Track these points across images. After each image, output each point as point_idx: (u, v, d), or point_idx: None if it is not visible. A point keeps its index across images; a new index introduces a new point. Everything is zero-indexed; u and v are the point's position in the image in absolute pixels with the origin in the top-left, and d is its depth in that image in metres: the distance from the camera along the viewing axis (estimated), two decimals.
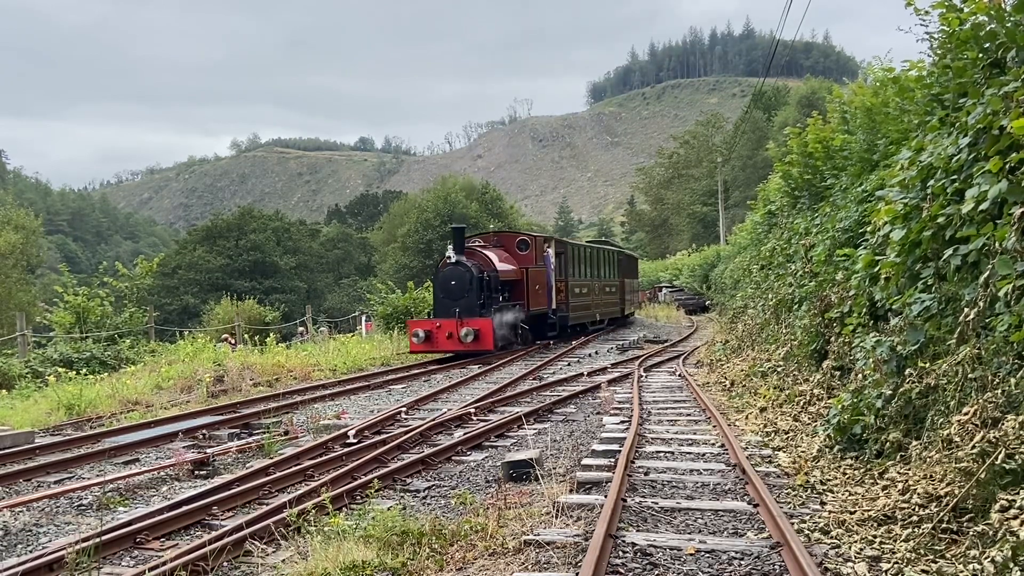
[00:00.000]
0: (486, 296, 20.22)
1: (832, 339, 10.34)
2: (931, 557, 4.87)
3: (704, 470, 7.79)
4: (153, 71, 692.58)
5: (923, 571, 4.72)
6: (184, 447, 9.67)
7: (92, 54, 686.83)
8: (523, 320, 22.09)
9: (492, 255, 21.69)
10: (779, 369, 12.18)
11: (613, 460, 8.02)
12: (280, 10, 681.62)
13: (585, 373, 16.61)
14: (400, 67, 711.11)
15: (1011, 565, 4.24)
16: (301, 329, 32.07)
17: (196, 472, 8.73)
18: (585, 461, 8.29)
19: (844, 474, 6.99)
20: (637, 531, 5.86)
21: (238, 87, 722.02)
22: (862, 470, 6.85)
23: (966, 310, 6.10)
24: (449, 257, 20.79)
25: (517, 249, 23.06)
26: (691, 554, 5.33)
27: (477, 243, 22.68)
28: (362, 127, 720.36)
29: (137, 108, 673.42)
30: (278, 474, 8.20)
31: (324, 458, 8.91)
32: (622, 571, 5.05)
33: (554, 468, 8.13)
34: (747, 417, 10.44)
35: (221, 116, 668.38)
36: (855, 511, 5.87)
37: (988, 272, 5.80)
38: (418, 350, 20.19)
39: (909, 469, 6.03)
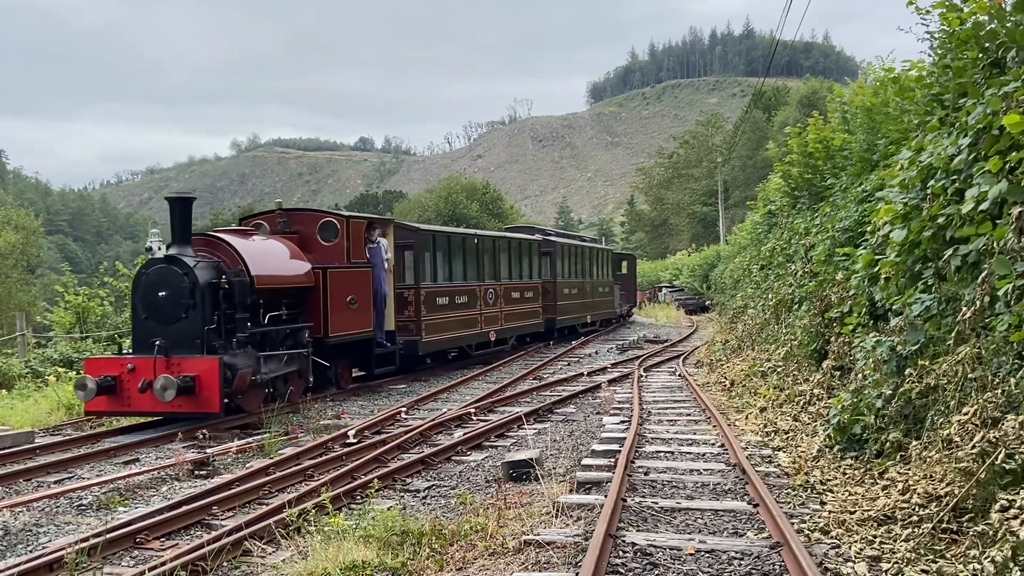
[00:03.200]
0: (224, 316, 11.57)
1: (832, 339, 10.34)
2: (931, 557, 4.87)
3: (704, 470, 7.79)
4: (165, 72, 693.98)
5: (923, 571, 4.72)
6: (184, 447, 9.67)
7: (105, 55, 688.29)
8: (317, 352, 13.29)
9: (245, 246, 12.43)
10: (779, 369, 12.18)
11: (613, 460, 8.02)
12: (289, 10, 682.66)
13: (585, 373, 16.61)
14: (405, 67, 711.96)
15: (1011, 565, 4.24)
16: None
17: (196, 472, 8.73)
18: (585, 461, 8.29)
19: (844, 474, 6.99)
20: (637, 531, 5.86)
21: (248, 87, 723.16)
22: (862, 470, 6.85)
23: (965, 310, 6.10)
24: (152, 250, 12.75)
25: (320, 239, 13.89)
26: (691, 554, 5.33)
27: (249, 227, 14.01)
28: (365, 127, 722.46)
29: (148, 109, 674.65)
30: (278, 474, 8.20)
31: (324, 458, 8.91)
32: (622, 571, 5.05)
33: (554, 468, 8.13)
34: (747, 417, 10.45)
35: (231, 116, 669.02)
36: (855, 511, 5.87)
37: (987, 272, 5.80)
38: (97, 410, 11.41)
39: (909, 469, 6.03)
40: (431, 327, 17.12)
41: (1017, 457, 4.91)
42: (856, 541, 5.33)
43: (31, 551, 6.20)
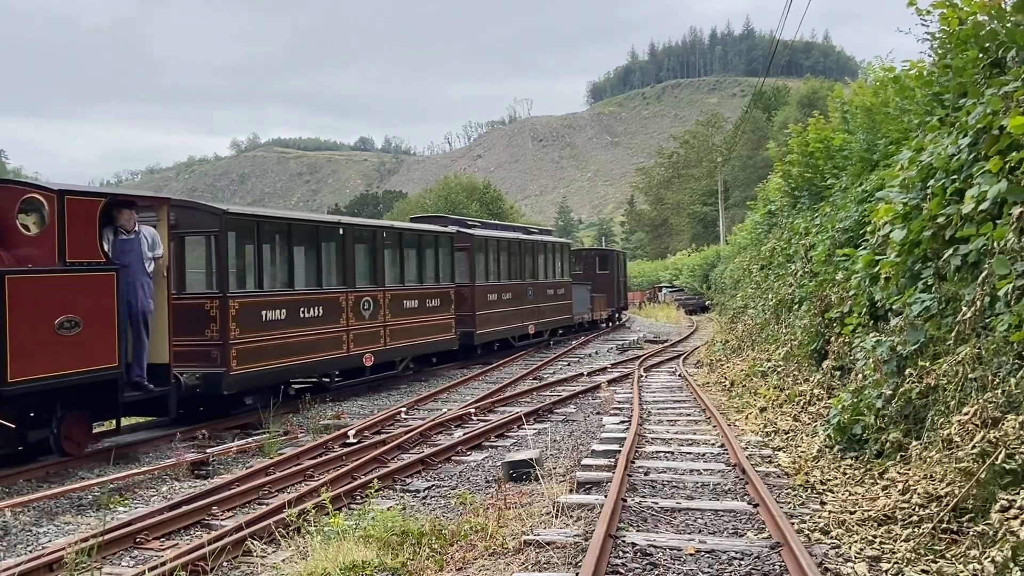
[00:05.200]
0: None
1: (832, 339, 10.34)
2: (931, 557, 4.86)
3: (704, 470, 7.79)
4: (171, 72, 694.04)
5: (923, 571, 4.72)
6: (183, 447, 9.66)
7: (113, 55, 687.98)
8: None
9: None
10: (779, 369, 12.18)
11: (613, 460, 8.02)
12: (294, 10, 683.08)
13: (585, 373, 16.62)
14: (407, 67, 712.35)
15: (1011, 565, 4.24)
16: None
17: (196, 472, 8.73)
18: (585, 461, 8.29)
19: (844, 474, 6.99)
20: (637, 531, 5.86)
21: (252, 87, 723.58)
22: (862, 470, 6.85)
23: (965, 310, 6.10)
24: None
25: (20, 225, 8.89)
26: (691, 554, 5.33)
27: None
28: (367, 127, 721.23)
29: (153, 109, 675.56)
30: (278, 474, 8.20)
31: (324, 458, 8.91)
32: (622, 571, 5.05)
33: (554, 468, 8.13)
34: (747, 417, 10.44)
35: (235, 116, 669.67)
36: (855, 511, 5.87)
37: (987, 272, 5.80)
38: None
39: (909, 469, 6.03)
40: (248, 354, 11.49)
41: (1017, 457, 4.91)
42: (856, 541, 5.33)
43: (31, 551, 6.20)
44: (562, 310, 25.95)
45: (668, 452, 8.68)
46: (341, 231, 14.21)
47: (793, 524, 5.68)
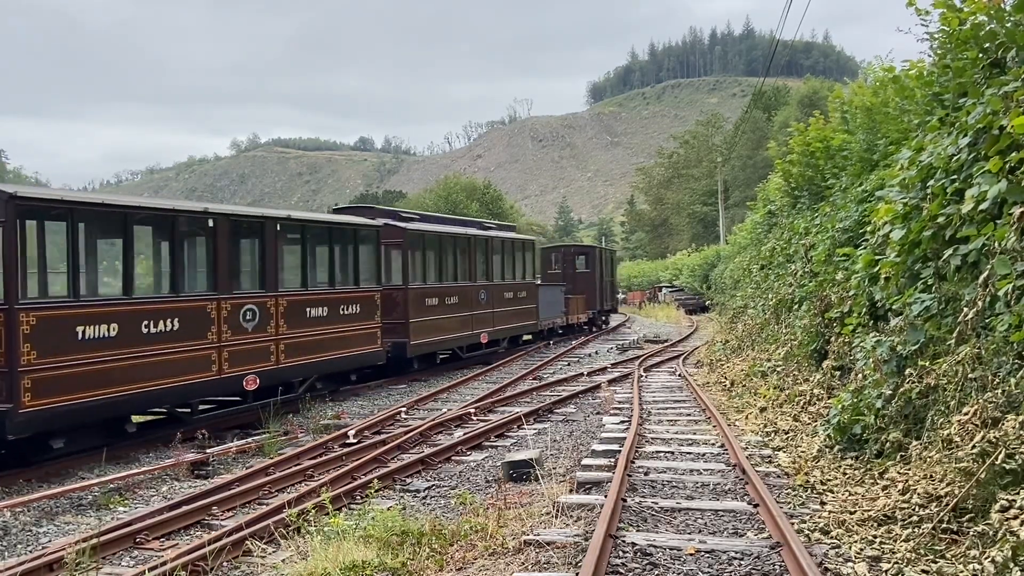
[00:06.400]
0: None
1: (832, 339, 10.35)
2: (931, 557, 4.86)
3: (704, 470, 7.79)
4: (173, 72, 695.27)
5: (923, 571, 4.72)
6: (184, 447, 9.67)
7: (115, 55, 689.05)
8: None
9: None
10: (779, 369, 12.18)
11: (613, 460, 8.02)
12: (297, 10, 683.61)
13: (585, 373, 16.62)
14: (409, 68, 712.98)
15: (1011, 565, 4.23)
16: None
17: (196, 472, 8.73)
18: (585, 461, 8.29)
19: (844, 474, 6.99)
20: (637, 531, 5.86)
21: (254, 87, 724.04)
22: (862, 470, 6.85)
23: (965, 310, 6.10)
24: None
25: None
26: (691, 554, 5.33)
27: None
28: (369, 127, 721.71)
29: (155, 109, 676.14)
30: (278, 474, 8.20)
31: (324, 458, 8.91)
32: (622, 571, 5.05)
33: (554, 468, 8.13)
34: (747, 417, 10.44)
35: (236, 116, 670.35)
36: (855, 511, 5.87)
37: (988, 272, 5.80)
38: None
39: (909, 469, 6.03)
40: (52, 384, 8.67)
41: (1017, 457, 4.91)
42: (856, 541, 5.33)
43: (31, 551, 6.20)
44: (525, 315, 22.95)
45: (668, 452, 8.68)
46: (211, 222, 11.27)
47: (793, 524, 5.68)
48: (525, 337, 23.98)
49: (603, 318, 31.78)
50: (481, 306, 19.93)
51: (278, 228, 12.47)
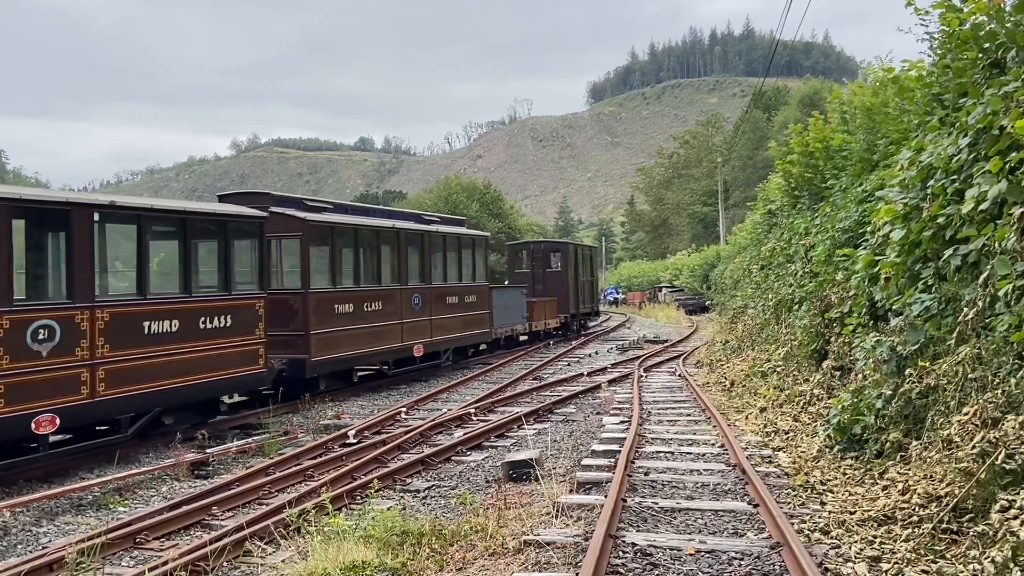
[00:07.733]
0: None
1: (832, 339, 10.35)
2: (931, 557, 4.86)
3: (704, 470, 7.79)
4: (177, 72, 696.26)
5: (923, 571, 4.72)
6: (184, 447, 9.67)
7: (119, 56, 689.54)
8: None
9: None
10: (779, 369, 12.18)
11: (613, 460, 8.02)
12: (299, 11, 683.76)
13: (585, 373, 16.62)
14: (410, 68, 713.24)
15: (1011, 565, 4.24)
16: None
17: (196, 472, 8.73)
18: (585, 461, 8.29)
19: (844, 474, 6.99)
20: (637, 531, 5.86)
21: (256, 88, 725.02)
22: (862, 470, 6.85)
23: (965, 310, 6.10)
24: None
25: None
26: (691, 554, 5.33)
27: None
28: (370, 127, 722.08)
29: (158, 109, 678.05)
30: (278, 474, 8.20)
31: (324, 458, 8.91)
32: (622, 571, 5.05)
33: (554, 468, 8.12)
34: (747, 417, 10.44)
35: (239, 117, 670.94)
36: (855, 511, 5.87)
37: (988, 272, 5.80)
38: None
39: (909, 469, 6.03)
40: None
41: (1017, 457, 4.91)
42: (856, 541, 5.33)
43: (31, 551, 6.20)
44: (473, 322, 19.68)
45: (668, 452, 8.68)
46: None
47: (793, 524, 5.68)
48: (482, 346, 21.39)
49: (578, 324, 28.71)
50: (415, 313, 16.76)
51: (94, 216, 9.36)
